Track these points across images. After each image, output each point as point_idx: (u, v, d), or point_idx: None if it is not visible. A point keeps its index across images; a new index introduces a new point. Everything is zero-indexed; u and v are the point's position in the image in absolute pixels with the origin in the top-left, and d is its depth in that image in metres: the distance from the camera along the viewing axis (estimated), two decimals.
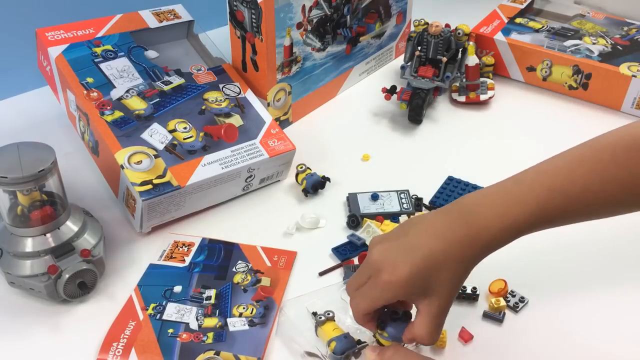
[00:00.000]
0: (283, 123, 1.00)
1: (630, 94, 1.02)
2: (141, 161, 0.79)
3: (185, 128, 0.84)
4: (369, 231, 0.79)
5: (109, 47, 0.89)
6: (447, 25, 1.03)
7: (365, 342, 0.64)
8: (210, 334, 0.68)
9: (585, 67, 1.05)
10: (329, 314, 0.66)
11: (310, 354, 0.66)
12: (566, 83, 1.08)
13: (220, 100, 0.89)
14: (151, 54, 0.92)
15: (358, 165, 0.94)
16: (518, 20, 1.18)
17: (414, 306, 0.59)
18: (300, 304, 0.69)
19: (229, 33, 0.94)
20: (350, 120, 1.03)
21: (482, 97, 1.05)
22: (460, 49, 1.04)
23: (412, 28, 1.14)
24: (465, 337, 0.68)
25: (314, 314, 0.66)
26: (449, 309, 0.57)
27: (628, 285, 0.75)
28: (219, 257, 0.78)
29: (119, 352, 0.66)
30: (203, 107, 0.87)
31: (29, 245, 0.70)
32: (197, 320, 0.70)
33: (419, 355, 0.59)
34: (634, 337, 0.69)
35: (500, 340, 0.69)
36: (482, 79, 1.06)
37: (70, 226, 0.72)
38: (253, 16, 0.89)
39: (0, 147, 0.70)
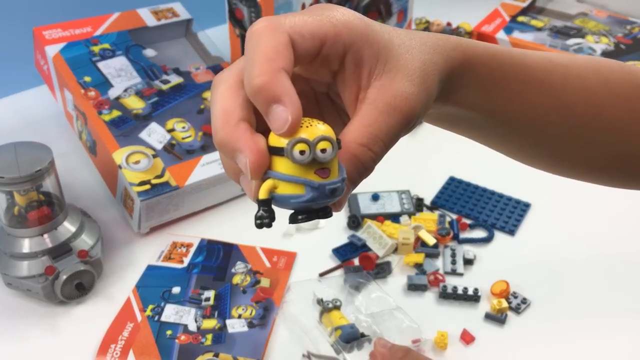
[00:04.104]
0: None
1: None
2: (139, 161, 0.78)
3: (183, 127, 0.83)
4: (370, 232, 0.79)
5: (106, 45, 0.89)
6: (449, 24, 1.02)
7: (368, 335, 0.64)
8: (209, 336, 0.67)
9: None
10: (336, 302, 0.66)
11: (309, 355, 0.65)
12: None
13: None
14: (149, 52, 0.91)
15: None
16: (520, 18, 1.17)
17: None
18: (308, 287, 0.69)
19: (228, 31, 0.93)
20: None
21: None
22: None
23: (414, 27, 1.13)
24: (467, 338, 0.68)
25: (321, 300, 0.66)
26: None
27: (630, 286, 0.74)
28: (217, 257, 0.77)
29: (117, 354, 0.65)
30: (202, 107, 0.87)
31: (26, 246, 0.69)
32: (196, 321, 0.69)
33: (429, 359, 0.58)
34: (635, 338, 0.68)
35: (502, 342, 0.68)
36: None
37: (68, 227, 0.72)
38: (252, 14, 0.88)
39: None
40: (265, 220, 0.33)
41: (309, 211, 0.33)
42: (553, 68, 0.44)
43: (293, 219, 0.33)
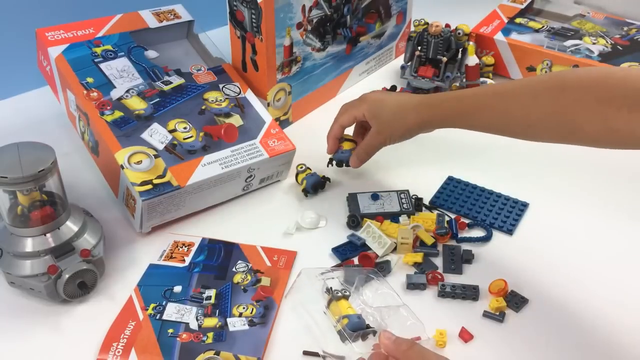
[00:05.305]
0: (283, 123, 1.00)
1: None
2: (141, 161, 0.79)
3: (185, 128, 0.84)
4: (369, 231, 0.79)
5: (109, 47, 0.89)
6: (447, 25, 1.03)
7: (373, 327, 0.65)
8: (210, 334, 0.68)
9: (585, 67, 1.05)
10: (345, 292, 0.67)
11: (308, 354, 0.66)
12: None
13: (220, 100, 0.89)
14: (151, 53, 0.92)
15: None
16: (518, 20, 1.18)
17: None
18: (318, 274, 0.71)
19: (229, 33, 0.94)
20: None
21: None
22: (460, 49, 1.04)
23: (412, 28, 1.14)
24: (466, 336, 0.68)
25: (330, 289, 0.67)
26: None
27: (628, 285, 0.75)
28: (218, 257, 0.78)
29: (118, 352, 0.66)
30: (203, 107, 0.87)
31: (29, 245, 0.70)
32: (197, 320, 0.70)
33: (434, 353, 0.59)
34: (635, 338, 0.69)
35: (501, 340, 0.68)
36: (482, 79, 1.06)
37: (70, 226, 0.72)
38: (253, 16, 0.89)
39: (0, 147, 0.70)
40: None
41: (341, 162, 0.88)
42: (497, 98, 0.74)
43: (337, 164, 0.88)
